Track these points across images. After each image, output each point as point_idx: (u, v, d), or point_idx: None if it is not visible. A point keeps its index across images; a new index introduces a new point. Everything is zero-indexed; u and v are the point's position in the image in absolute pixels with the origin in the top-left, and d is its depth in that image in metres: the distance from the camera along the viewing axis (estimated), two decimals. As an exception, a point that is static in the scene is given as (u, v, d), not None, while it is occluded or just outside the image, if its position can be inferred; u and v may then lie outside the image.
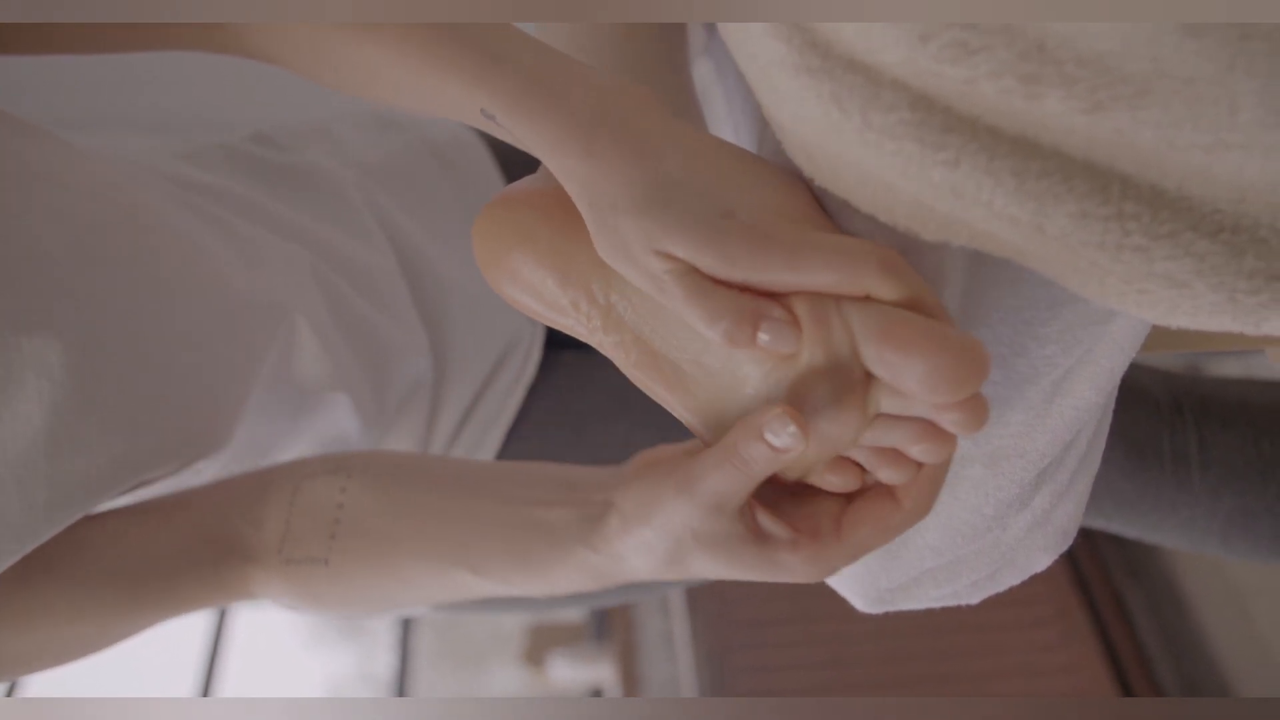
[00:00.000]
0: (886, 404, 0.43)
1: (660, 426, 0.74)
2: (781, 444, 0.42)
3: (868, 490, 0.46)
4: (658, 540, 0.47)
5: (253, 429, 0.67)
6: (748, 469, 0.44)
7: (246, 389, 0.63)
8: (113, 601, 0.55)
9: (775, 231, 0.42)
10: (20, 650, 0.55)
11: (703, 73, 0.76)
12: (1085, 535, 2.13)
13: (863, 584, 0.59)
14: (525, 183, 0.52)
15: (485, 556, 0.53)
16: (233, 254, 0.65)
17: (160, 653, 2.73)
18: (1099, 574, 2.10)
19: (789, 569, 0.46)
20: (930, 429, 0.43)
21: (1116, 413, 0.57)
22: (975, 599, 0.59)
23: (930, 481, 0.44)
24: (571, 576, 0.51)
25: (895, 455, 0.44)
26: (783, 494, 0.48)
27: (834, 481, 0.46)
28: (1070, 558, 2.12)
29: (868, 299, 0.42)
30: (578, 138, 0.44)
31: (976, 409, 0.41)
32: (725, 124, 0.75)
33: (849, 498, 0.47)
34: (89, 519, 0.57)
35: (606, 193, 0.44)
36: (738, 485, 0.44)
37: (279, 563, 0.56)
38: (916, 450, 0.44)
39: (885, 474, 0.45)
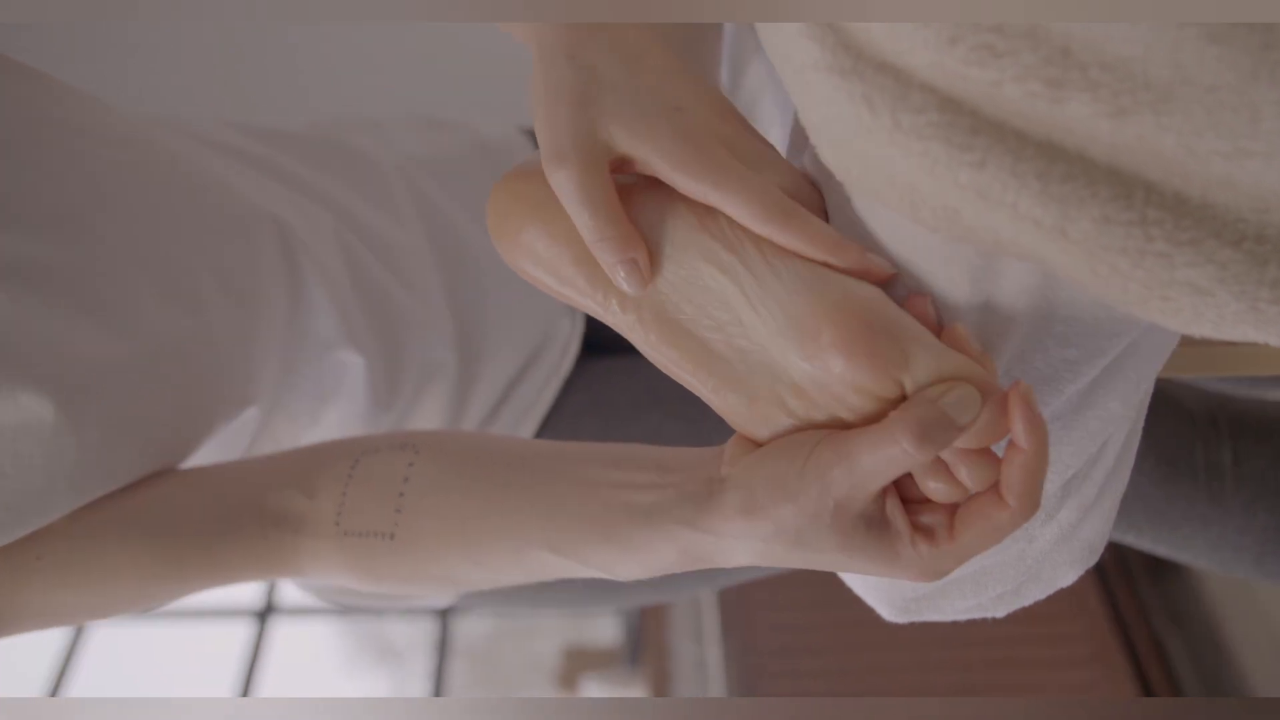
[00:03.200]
0: None
1: (691, 419, 0.75)
2: (965, 420, 0.42)
3: (975, 494, 0.46)
4: (795, 517, 0.45)
5: (280, 393, 0.69)
6: (921, 447, 0.42)
7: (269, 323, 0.65)
8: (151, 564, 0.55)
9: (712, 147, 0.46)
10: (59, 603, 0.55)
11: (755, 74, 0.78)
12: (1125, 576, 2.10)
13: (889, 592, 0.59)
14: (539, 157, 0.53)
15: (570, 538, 0.51)
16: (256, 195, 0.68)
17: (194, 677, 2.76)
18: (1138, 616, 2.07)
19: (905, 564, 0.46)
20: (944, 470, 0.45)
21: (1148, 422, 0.57)
22: (1001, 612, 0.59)
23: (1029, 474, 0.43)
24: (666, 558, 0.50)
25: (973, 455, 0.45)
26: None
27: (936, 489, 0.46)
28: (1110, 599, 2.09)
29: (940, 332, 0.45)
30: None
31: (989, 465, 0.44)
32: (775, 125, 0.76)
33: (953, 505, 0.47)
34: (133, 484, 0.58)
35: (569, 41, 0.47)
36: (898, 464, 0.43)
37: (335, 534, 0.55)
38: (929, 487, 0.46)
39: (962, 475, 0.45)
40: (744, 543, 0.47)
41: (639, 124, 0.46)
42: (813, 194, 0.49)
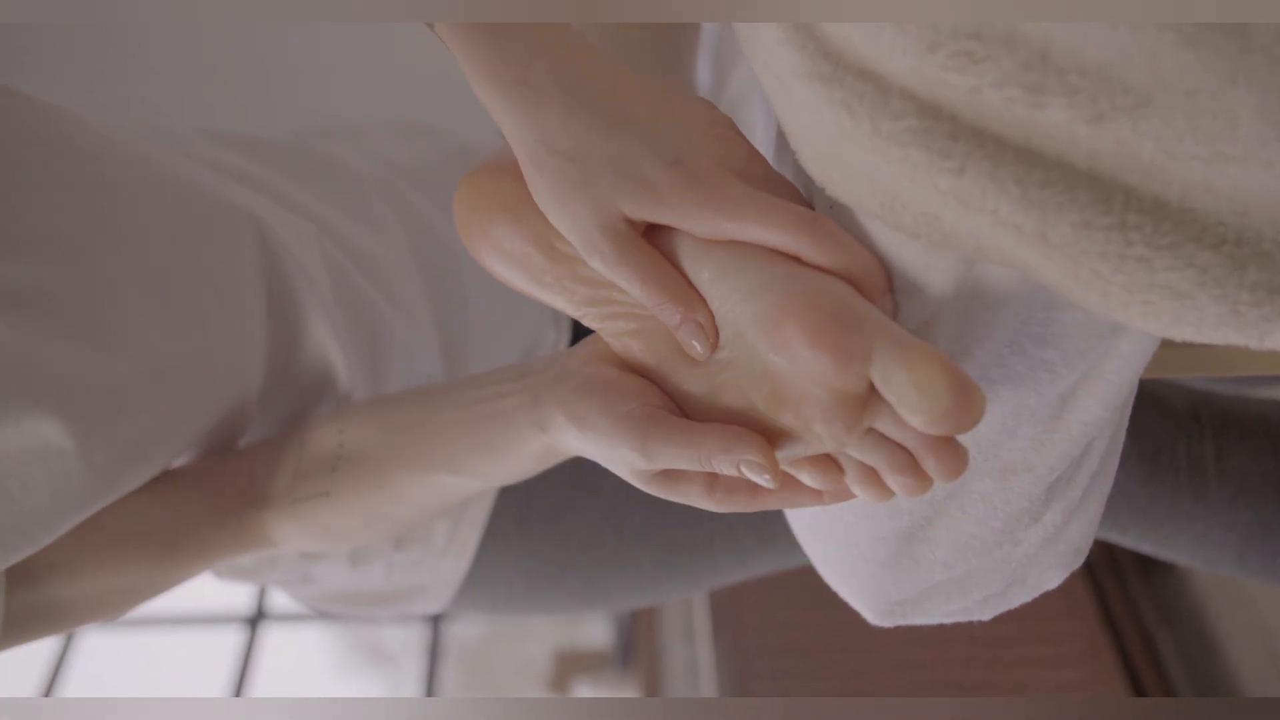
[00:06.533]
0: (881, 423, 0.44)
1: None
2: (753, 480, 0.46)
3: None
4: (596, 449, 0.51)
5: (266, 403, 0.69)
6: (706, 465, 0.47)
7: (258, 333, 0.66)
8: (152, 555, 0.62)
9: (720, 183, 0.46)
10: (73, 598, 0.60)
11: (739, 78, 0.77)
12: (1115, 573, 2.11)
13: (873, 596, 0.59)
14: (509, 153, 0.53)
15: (456, 455, 0.59)
16: (242, 205, 0.68)
17: (185, 684, 2.75)
18: (1127, 613, 2.07)
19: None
20: (911, 464, 0.45)
21: (1131, 419, 0.57)
22: (987, 615, 0.59)
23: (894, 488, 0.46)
24: (532, 456, 0.57)
25: (942, 446, 0.45)
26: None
27: (810, 478, 0.48)
28: (1099, 597, 2.09)
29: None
30: (512, 63, 0.45)
31: (957, 457, 0.43)
32: (759, 129, 0.76)
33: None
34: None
35: (546, 134, 0.46)
36: (687, 465, 0.47)
37: (288, 504, 0.64)
38: (893, 480, 0.45)
39: (930, 467, 0.45)
40: (574, 445, 0.53)
41: (642, 193, 0.46)
42: (803, 203, 0.49)
